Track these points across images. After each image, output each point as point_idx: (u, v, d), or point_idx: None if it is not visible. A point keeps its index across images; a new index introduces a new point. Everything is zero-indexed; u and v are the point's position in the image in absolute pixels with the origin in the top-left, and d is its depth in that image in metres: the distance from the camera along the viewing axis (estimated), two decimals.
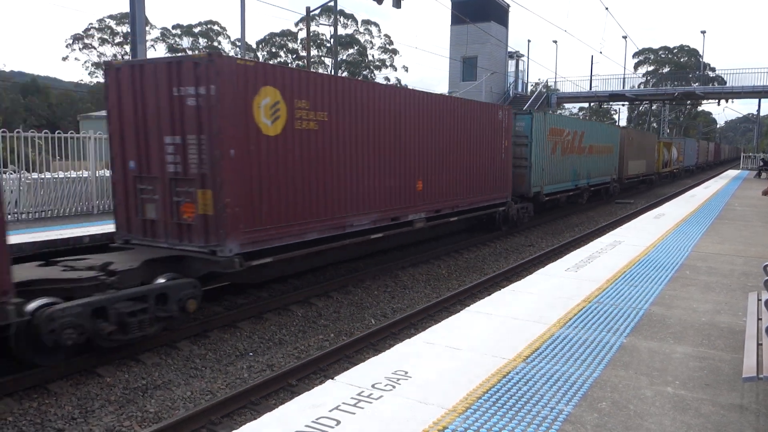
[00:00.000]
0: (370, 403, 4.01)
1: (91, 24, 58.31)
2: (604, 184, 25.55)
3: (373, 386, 4.28)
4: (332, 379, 4.47)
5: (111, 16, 58.55)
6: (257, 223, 8.46)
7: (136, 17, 13.12)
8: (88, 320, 6.63)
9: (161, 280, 7.69)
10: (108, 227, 10.12)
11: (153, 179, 8.52)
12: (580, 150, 22.05)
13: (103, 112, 10.39)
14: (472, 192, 14.82)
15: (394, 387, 4.26)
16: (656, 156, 35.74)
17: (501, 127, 16.11)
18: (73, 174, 12.70)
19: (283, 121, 8.83)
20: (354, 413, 3.85)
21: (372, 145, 10.93)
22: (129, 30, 13.85)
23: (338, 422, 3.72)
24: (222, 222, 7.93)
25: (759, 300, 5.24)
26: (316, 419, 3.77)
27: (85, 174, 12.96)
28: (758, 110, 54.39)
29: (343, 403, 4.00)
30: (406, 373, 4.53)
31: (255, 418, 3.94)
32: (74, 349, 6.73)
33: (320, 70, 61.73)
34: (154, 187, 8.52)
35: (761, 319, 4.74)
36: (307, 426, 3.68)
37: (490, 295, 7.05)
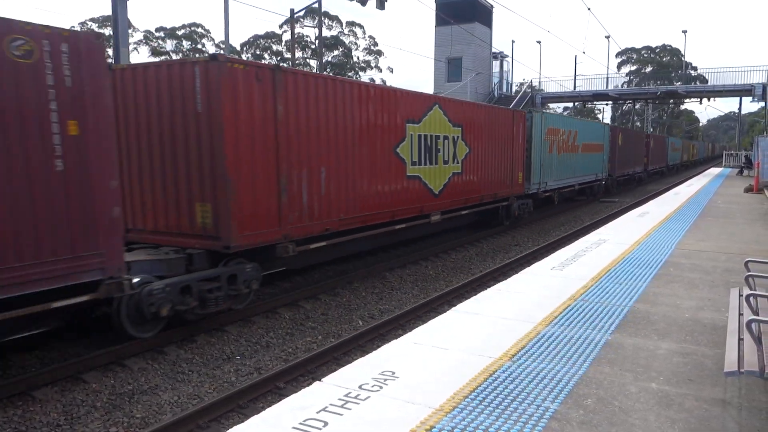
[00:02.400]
0: (358, 404, 4.01)
1: (73, 27, 57.77)
2: (677, 164, 54.86)
3: (360, 387, 4.28)
4: (319, 380, 4.47)
5: (93, 19, 57.94)
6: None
7: (118, 20, 13.03)
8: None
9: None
10: None
11: None
12: (676, 150, 53.66)
13: None
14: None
15: (381, 387, 4.27)
16: (689, 151, 66.53)
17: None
18: None
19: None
20: (341, 414, 3.85)
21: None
22: (111, 33, 13.74)
23: (325, 423, 3.73)
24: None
25: (740, 296, 5.30)
26: (304, 421, 3.77)
27: None
28: (739, 108, 55.12)
29: (331, 404, 4.01)
30: (393, 373, 4.55)
31: (242, 422, 3.93)
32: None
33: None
34: None
35: (743, 314, 4.80)
36: (294, 428, 3.68)
37: (476, 295, 7.08)
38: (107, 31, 54.89)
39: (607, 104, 60.22)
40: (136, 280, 7.21)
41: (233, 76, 8.01)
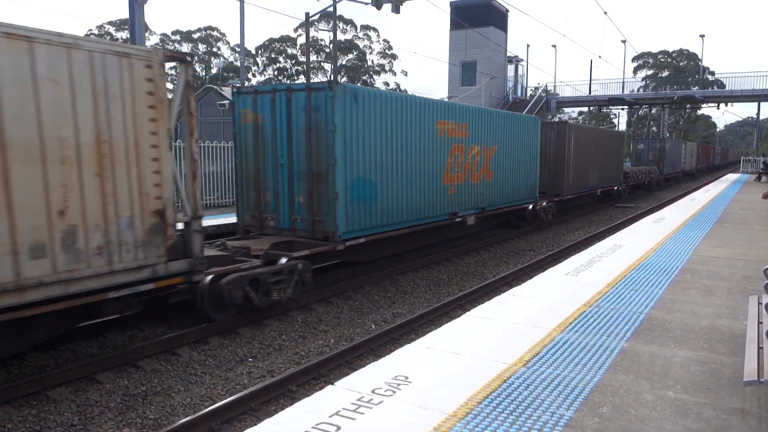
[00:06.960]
0: (370, 408, 3.99)
1: (91, 30, 58.47)
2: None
3: (373, 391, 4.26)
4: (332, 384, 4.46)
5: (110, 23, 58.73)
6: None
7: (135, 23, 13.14)
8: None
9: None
10: None
11: None
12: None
13: None
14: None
15: (394, 392, 4.25)
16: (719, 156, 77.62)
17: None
18: None
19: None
20: (354, 419, 3.84)
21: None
22: (128, 36, 13.87)
23: (338, 428, 3.71)
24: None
25: (759, 303, 5.23)
26: (316, 425, 3.75)
27: None
28: (758, 114, 54.54)
29: (343, 408, 3.99)
30: (407, 378, 4.52)
31: (255, 424, 3.92)
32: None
33: (320, 76, 61.97)
34: None
35: (762, 322, 4.73)
36: (306, 431, 3.67)
37: (490, 299, 7.04)
38: (124, 34, 55.52)
39: (623, 109, 59.78)
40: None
41: None
